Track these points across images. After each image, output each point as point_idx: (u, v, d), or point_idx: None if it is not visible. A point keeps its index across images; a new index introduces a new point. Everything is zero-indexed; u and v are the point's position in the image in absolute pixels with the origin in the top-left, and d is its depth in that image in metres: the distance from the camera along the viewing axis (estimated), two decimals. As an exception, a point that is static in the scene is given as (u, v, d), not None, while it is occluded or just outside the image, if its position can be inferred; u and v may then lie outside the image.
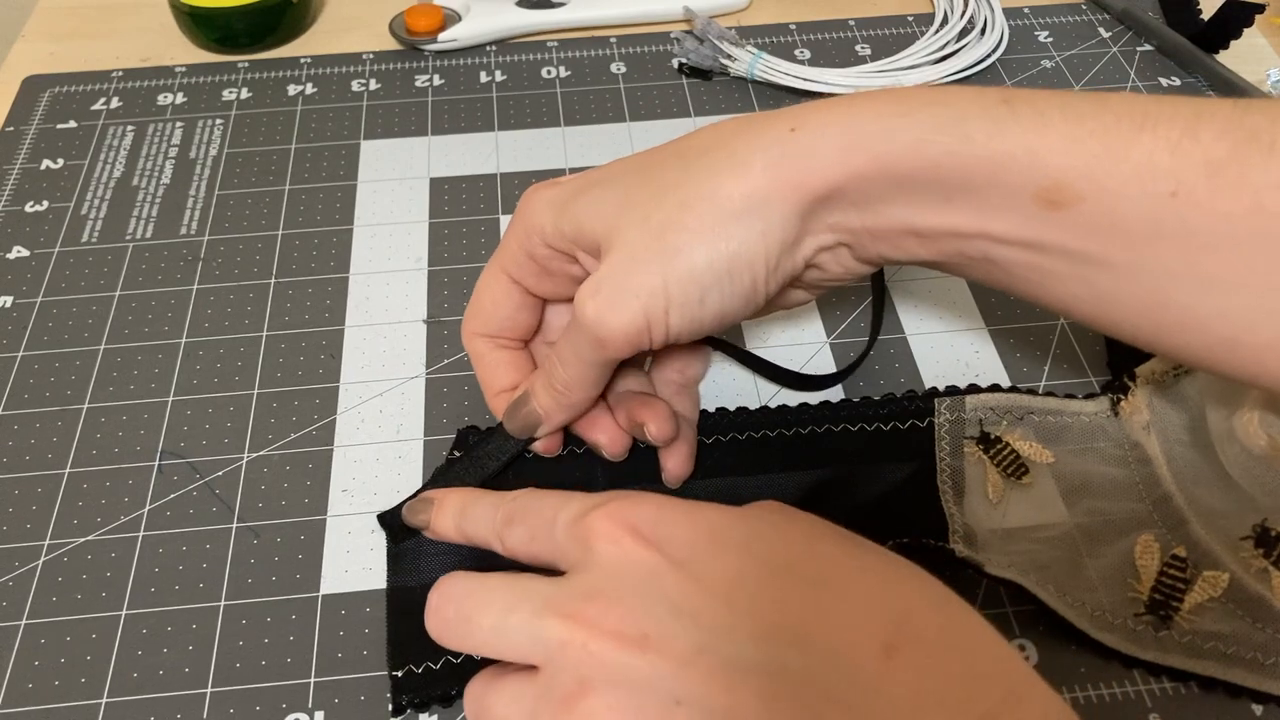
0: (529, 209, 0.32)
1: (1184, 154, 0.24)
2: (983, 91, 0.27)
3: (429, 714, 0.31)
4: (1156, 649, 0.31)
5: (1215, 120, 0.24)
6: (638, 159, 0.31)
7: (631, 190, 0.30)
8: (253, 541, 0.35)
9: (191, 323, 0.41)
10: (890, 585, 0.24)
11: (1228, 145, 0.24)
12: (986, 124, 0.26)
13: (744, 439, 0.36)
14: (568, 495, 0.28)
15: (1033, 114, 0.26)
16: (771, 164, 0.28)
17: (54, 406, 0.38)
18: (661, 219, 0.28)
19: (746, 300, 0.29)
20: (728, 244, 0.28)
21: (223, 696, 0.31)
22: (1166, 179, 0.24)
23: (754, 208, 0.28)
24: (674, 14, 0.56)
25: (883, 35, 0.55)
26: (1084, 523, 0.34)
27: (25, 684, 0.31)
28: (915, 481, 0.35)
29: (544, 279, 0.33)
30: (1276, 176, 0.23)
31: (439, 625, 0.27)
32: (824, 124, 0.28)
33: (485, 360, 0.35)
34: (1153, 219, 0.25)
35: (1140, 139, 0.25)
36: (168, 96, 0.52)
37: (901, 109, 0.27)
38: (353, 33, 0.56)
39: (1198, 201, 0.24)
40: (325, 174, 0.48)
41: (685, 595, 0.24)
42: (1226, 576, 0.32)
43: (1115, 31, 0.56)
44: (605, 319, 0.29)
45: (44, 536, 0.35)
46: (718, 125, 0.30)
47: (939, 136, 0.27)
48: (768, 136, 0.28)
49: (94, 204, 0.46)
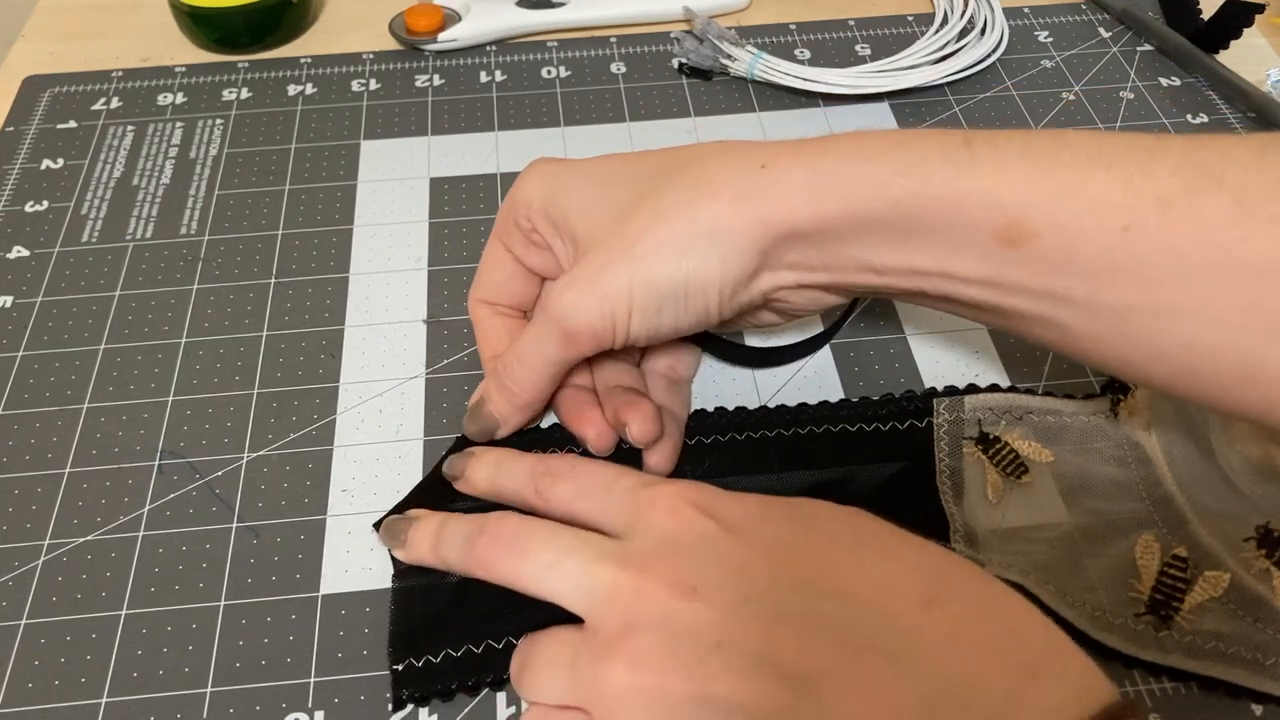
0: (524, 183, 0.33)
1: (1136, 190, 0.25)
2: (946, 134, 0.28)
3: (429, 713, 0.31)
4: (1157, 649, 0.31)
5: (1168, 157, 0.25)
6: (628, 160, 0.32)
7: (615, 192, 0.31)
8: (253, 541, 0.35)
9: (191, 323, 0.41)
10: (930, 554, 0.26)
11: (1179, 182, 0.25)
12: (946, 166, 0.27)
13: (743, 439, 0.36)
14: (622, 467, 0.30)
15: (991, 154, 0.27)
16: (739, 196, 0.29)
17: (54, 406, 0.38)
18: (635, 226, 0.30)
19: (699, 319, 0.31)
20: (688, 262, 0.29)
21: (223, 696, 0.31)
22: (1120, 214, 0.25)
23: (717, 234, 0.29)
24: (674, 14, 0.56)
25: (883, 35, 0.55)
26: (1084, 523, 0.34)
27: (25, 684, 0.31)
28: (915, 482, 0.35)
29: (530, 250, 0.35)
30: (1226, 212, 0.24)
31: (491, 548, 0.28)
32: (792, 164, 0.29)
33: (482, 325, 0.36)
34: (1107, 254, 0.25)
35: (1095, 176, 0.25)
36: (168, 96, 0.52)
37: (866, 153, 0.28)
38: (353, 33, 0.56)
39: (1150, 236, 0.25)
40: (325, 174, 0.48)
41: (735, 555, 0.26)
42: (1227, 576, 0.32)
43: (1115, 31, 0.56)
44: (575, 313, 0.30)
45: (44, 536, 0.35)
46: (703, 145, 0.31)
47: (900, 179, 0.27)
48: (739, 167, 0.29)
49: (94, 204, 0.46)
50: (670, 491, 0.28)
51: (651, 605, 0.25)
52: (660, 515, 0.27)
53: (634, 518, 0.28)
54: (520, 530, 0.28)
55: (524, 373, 0.33)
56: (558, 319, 0.30)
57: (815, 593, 0.24)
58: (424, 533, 0.32)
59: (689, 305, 0.30)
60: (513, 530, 0.29)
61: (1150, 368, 0.27)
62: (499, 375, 0.33)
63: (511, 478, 0.32)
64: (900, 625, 0.24)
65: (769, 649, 0.23)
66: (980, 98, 0.51)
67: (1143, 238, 0.25)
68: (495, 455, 0.33)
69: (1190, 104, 0.51)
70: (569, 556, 0.27)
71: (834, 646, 0.23)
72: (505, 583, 0.29)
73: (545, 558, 0.27)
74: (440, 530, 0.31)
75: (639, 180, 0.31)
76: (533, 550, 0.28)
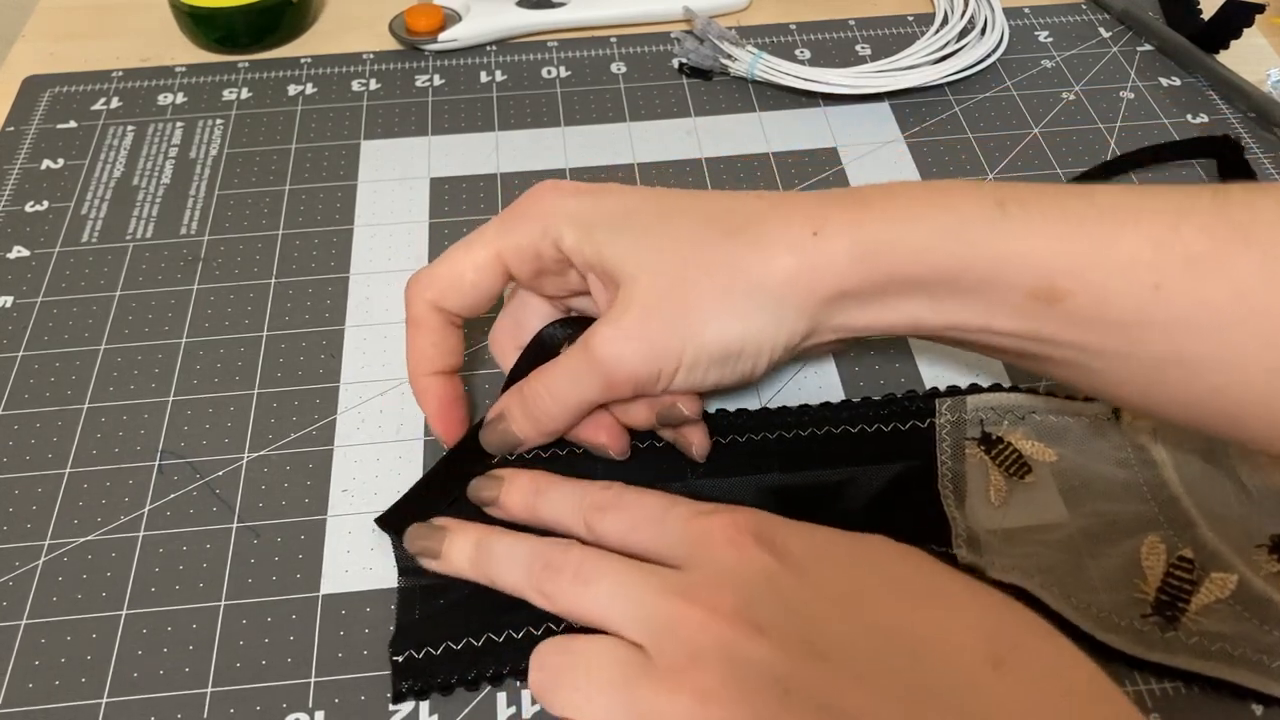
0: (551, 212, 0.32)
1: (1166, 249, 0.26)
2: (980, 192, 0.29)
3: (429, 711, 0.31)
4: (1163, 650, 0.30)
5: (1196, 215, 0.26)
6: (672, 204, 0.32)
7: (665, 243, 0.30)
8: (253, 541, 0.35)
9: (192, 323, 0.41)
10: (997, 606, 0.25)
11: (1208, 240, 0.26)
12: (984, 228, 0.28)
13: (744, 440, 0.36)
14: (672, 496, 0.30)
15: (1023, 215, 0.28)
16: (795, 268, 0.29)
17: (54, 406, 0.38)
18: (691, 285, 0.30)
19: (740, 379, 0.31)
20: (745, 327, 0.30)
21: (223, 696, 0.31)
22: (1150, 272, 0.26)
23: (771, 302, 0.29)
24: (674, 14, 0.56)
25: (883, 35, 0.55)
26: (1087, 524, 0.34)
27: (26, 684, 0.31)
28: (916, 484, 0.35)
29: (541, 277, 0.33)
30: (1255, 266, 0.25)
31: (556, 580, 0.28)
32: (841, 230, 0.29)
33: (432, 333, 0.33)
34: (1138, 310, 0.26)
35: (1125, 235, 0.26)
36: (168, 96, 0.52)
37: (909, 214, 0.29)
38: (353, 33, 0.56)
39: (1181, 292, 0.26)
40: (325, 174, 0.47)
41: (802, 599, 0.25)
42: (1235, 578, 0.31)
43: (1115, 31, 0.56)
44: (622, 364, 0.30)
45: (44, 536, 0.35)
46: (752, 201, 0.31)
47: (943, 242, 0.28)
48: (792, 234, 0.29)
49: (94, 204, 0.46)
50: (727, 521, 0.27)
51: (718, 640, 0.24)
52: (719, 546, 0.27)
53: (692, 548, 0.27)
54: (589, 559, 0.28)
55: (555, 407, 0.32)
56: (602, 365, 0.30)
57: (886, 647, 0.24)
58: (461, 548, 0.31)
59: (737, 366, 0.31)
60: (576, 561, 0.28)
61: (1187, 412, 0.28)
62: (526, 402, 0.33)
63: (554, 509, 0.31)
64: (971, 685, 0.23)
65: (838, 702, 0.23)
66: (980, 98, 0.51)
67: (1174, 295, 0.26)
68: (530, 481, 0.32)
69: (1190, 104, 0.51)
70: (632, 587, 0.26)
71: (903, 704, 0.23)
72: (564, 613, 0.28)
73: (605, 587, 0.27)
74: (482, 547, 0.31)
75: (691, 232, 0.30)
76: (595, 579, 0.27)
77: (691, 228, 0.31)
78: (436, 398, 0.34)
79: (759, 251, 0.29)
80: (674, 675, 0.24)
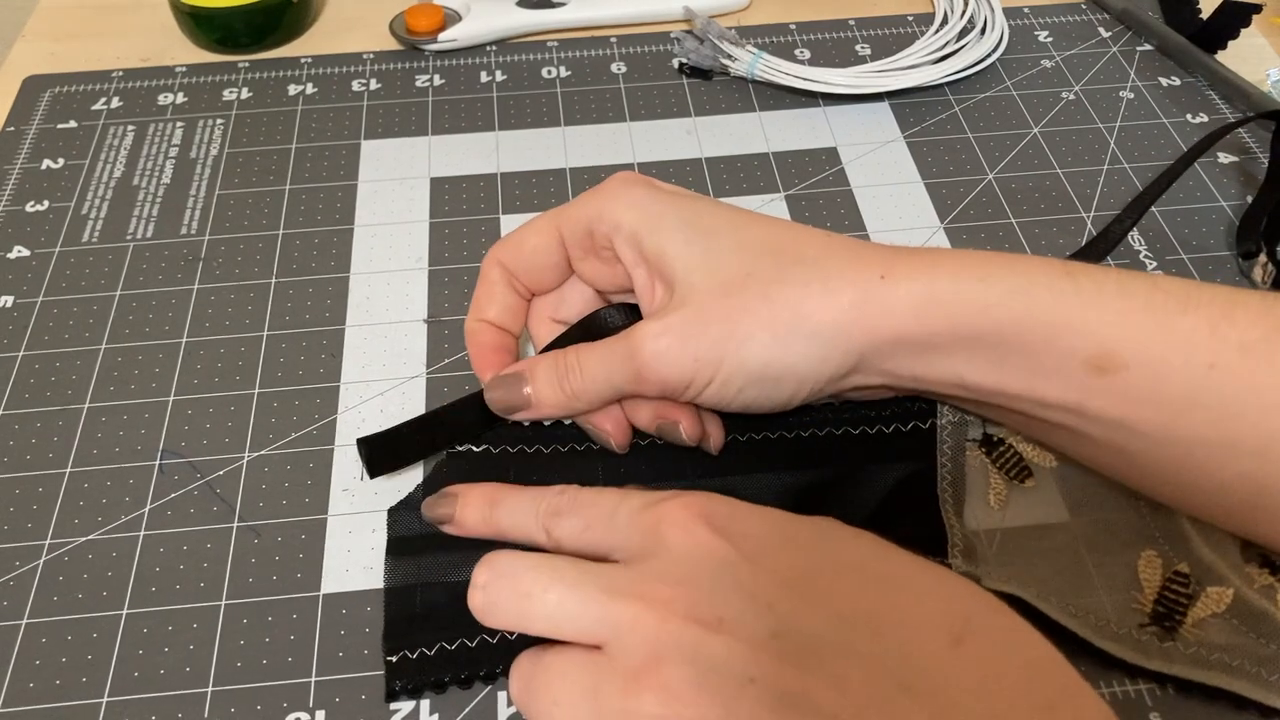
0: (617, 199, 0.33)
1: (1221, 336, 0.27)
2: (1050, 262, 0.30)
3: (430, 711, 0.31)
4: (1162, 659, 0.30)
5: (1248, 308, 0.28)
6: (737, 220, 0.32)
7: (724, 256, 0.31)
8: (253, 541, 0.35)
9: (192, 322, 0.41)
10: (954, 587, 0.26)
11: (1260, 331, 0.27)
12: (1050, 293, 0.28)
13: (744, 440, 0.36)
14: (625, 490, 0.29)
15: (1092, 287, 0.28)
16: (856, 304, 0.29)
17: (54, 406, 0.38)
18: (743, 302, 0.30)
19: (775, 405, 0.31)
20: (788, 355, 0.30)
21: (224, 695, 0.31)
22: (1206, 353, 0.27)
23: (823, 334, 0.30)
24: (674, 14, 0.56)
25: (883, 35, 0.55)
26: (1085, 532, 0.33)
27: (26, 683, 0.31)
28: (915, 489, 0.35)
29: (589, 257, 0.34)
30: None
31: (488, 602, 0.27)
32: (909, 277, 0.29)
33: (493, 288, 0.36)
34: (1189, 388, 0.27)
35: (1184, 317, 0.28)
36: (168, 96, 0.52)
37: (980, 273, 0.29)
38: (353, 33, 0.56)
39: (1234, 374, 0.27)
40: (325, 174, 0.48)
41: (759, 585, 0.25)
42: (1230, 592, 0.31)
43: (1115, 31, 0.56)
44: (658, 363, 0.30)
45: (45, 536, 0.35)
46: (823, 236, 0.32)
47: (1010, 300, 0.29)
48: (862, 276, 0.30)
49: (94, 204, 0.46)
50: (678, 506, 0.27)
51: (678, 636, 0.24)
52: (672, 534, 0.26)
53: (644, 539, 0.27)
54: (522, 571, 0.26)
55: (583, 385, 0.32)
56: (638, 357, 0.30)
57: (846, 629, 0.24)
58: None
59: (772, 392, 0.31)
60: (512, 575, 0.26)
61: (1204, 499, 0.29)
62: (558, 369, 0.33)
63: (513, 519, 0.31)
64: (932, 662, 0.23)
65: (801, 688, 0.23)
66: (980, 97, 0.51)
67: (1226, 376, 0.27)
68: (484, 494, 0.32)
69: (1190, 104, 0.51)
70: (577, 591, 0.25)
71: (866, 686, 0.23)
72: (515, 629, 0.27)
73: (552, 598, 0.25)
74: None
75: (751, 250, 0.31)
76: (536, 592, 0.26)
77: (759, 246, 0.31)
78: (480, 342, 0.35)
79: (823, 284, 0.30)
80: (638, 676, 0.24)
